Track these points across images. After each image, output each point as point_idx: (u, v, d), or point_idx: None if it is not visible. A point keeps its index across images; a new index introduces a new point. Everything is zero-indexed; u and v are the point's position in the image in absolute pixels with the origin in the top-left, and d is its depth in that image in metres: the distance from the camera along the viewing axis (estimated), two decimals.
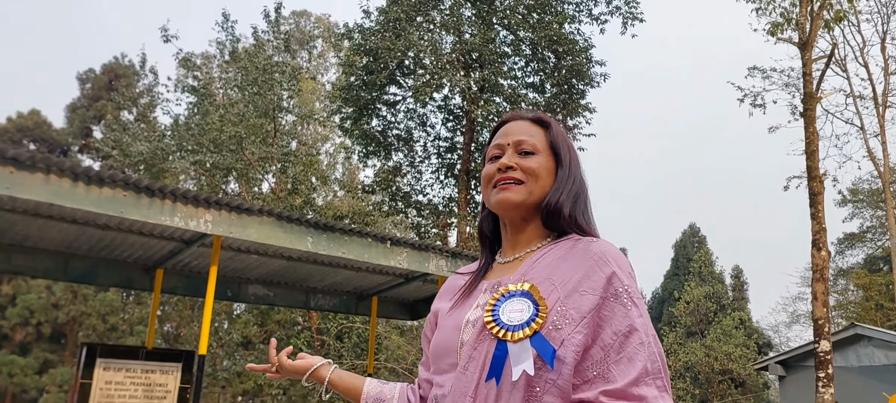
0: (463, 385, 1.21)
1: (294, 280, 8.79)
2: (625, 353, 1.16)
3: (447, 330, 1.32)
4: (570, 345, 1.16)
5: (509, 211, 1.33)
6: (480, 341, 1.22)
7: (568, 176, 1.37)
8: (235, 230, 6.51)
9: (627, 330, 1.18)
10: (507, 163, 1.34)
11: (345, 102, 17.08)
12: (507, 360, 1.17)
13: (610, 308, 1.19)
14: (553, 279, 1.23)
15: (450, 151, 18.00)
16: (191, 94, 17.55)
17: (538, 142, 1.37)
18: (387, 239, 7.40)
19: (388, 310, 9.91)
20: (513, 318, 1.19)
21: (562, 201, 1.33)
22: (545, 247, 1.32)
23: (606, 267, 1.23)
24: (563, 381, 1.15)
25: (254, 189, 18.28)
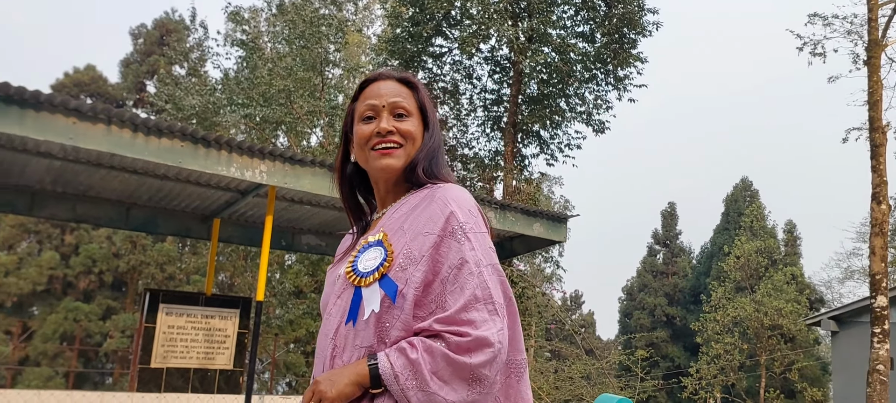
0: (327, 328, 1.34)
1: (345, 230, 8.93)
2: (457, 284, 1.26)
3: (327, 287, 1.45)
4: (412, 282, 1.26)
5: (391, 174, 1.41)
6: (343, 290, 1.35)
7: (431, 137, 1.46)
8: (289, 181, 6.63)
9: (459, 263, 1.27)
10: (387, 128, 1.40)
11: (390, 55, 17.01)
12: (362, 303, 1.29)
13: (447, 244, 1.29)
14: (404, 226, 1.34)
15: (496, 104, 17.85)
16: (240, 48, 17.73)
17: (410, 104, 1.45)
18: None
19: None
20: (367, 266, 1.32)
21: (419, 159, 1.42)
22: (403, 199, 1.41)
23: (446, 208, 1.33)
24: (406, 315, 1.25)
25: (303, 142, 18.50)
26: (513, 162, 16.17)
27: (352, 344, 1.28)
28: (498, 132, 17.86)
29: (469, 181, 17.62)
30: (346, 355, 1.28)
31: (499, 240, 9.18)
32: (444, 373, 1.21)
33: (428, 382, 1.20)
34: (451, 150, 17.96)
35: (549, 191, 24.29)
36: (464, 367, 1.21)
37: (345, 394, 1.23)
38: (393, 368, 1.22)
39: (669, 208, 39.58)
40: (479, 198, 7.79)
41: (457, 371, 1.21)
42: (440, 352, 1.21)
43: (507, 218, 7.90)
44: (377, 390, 1.23)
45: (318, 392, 1.23)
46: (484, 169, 17.09)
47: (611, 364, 16.13)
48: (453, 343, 1.22)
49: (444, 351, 1.21)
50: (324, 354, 1.32)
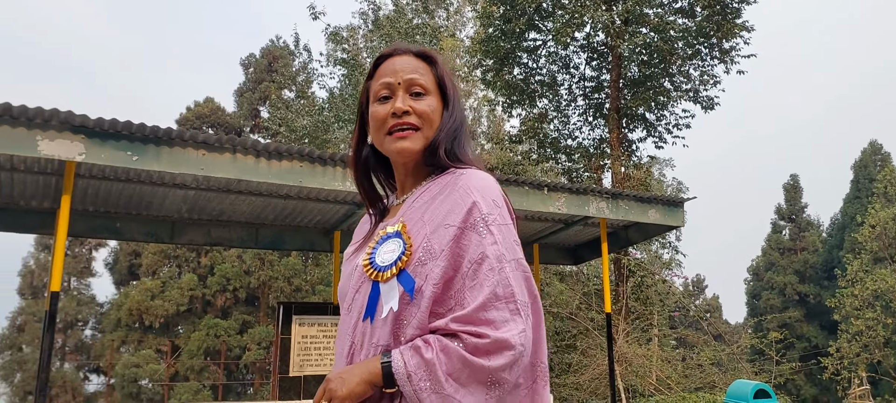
0: (345, 325, 1.29)
1: None
2: (477, 280, 1.18)
3: (345, 276, 1.36)
4: (431, 278, 1.18)
5: (408, 158, 1.33)
6: (361, 283, 1.28)
7: (451, 116, 1.35)
8: None
9: (480, 258, 1.19)
10: (402, 108, 1.31)
11: (485, 55, 17.11)
12: (379, 299, 1.22)
13: (468, 238, 1.20)
14: (425, 217, 1.25)
15: (596, 91, 17.53)
16: (341, 67, 18.43)
17: (427, 81, 1.35)
18: (544, 186, 7.45)
19: (550, 256, 10.00)
20: (385, 259, 1.24)
21: (439, 141, 1.32)
22: (424, 186, 1.33)
23: (469, 198, 1.23)
24: (421, 313, 1.18)
25: None
26: (620, 148, 15.83)
27: (368, 342, 1.23)
28: (601, 119, 17.53)
29: (575, 172, 17.40)
30: (363, 353, 1.23)
31: (613, 230, 9.04)
32: (461, 376, 1.14)
33: (443, 384, 1.13)
34: (554, 142, 17.80)
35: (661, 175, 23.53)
36: (481, 370, 1.14)
37: (356, 393, 1.16)
38: (406, 367, 1.15)
39: (792, 181, 37.30)
40: (589, 189, 7.72)
41: (474, 373, 1.14)
42: (457, 353, 1.14)
43: (620, 207, 7.78)
44: (390, 389, 1.17)
45: (329, 391, 1.17)
46: (590, 158, 16.82)
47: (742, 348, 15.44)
48: (471, 344, 1.15)
49: (460, 353, 1.14)
50: (342, 351, 1.28)
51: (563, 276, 18.96)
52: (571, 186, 7.60)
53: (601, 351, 13.81)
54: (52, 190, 6.67)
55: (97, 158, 5.54)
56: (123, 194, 6.98)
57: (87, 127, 5.49)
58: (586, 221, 8.34)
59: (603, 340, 14.01)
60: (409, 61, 1.36)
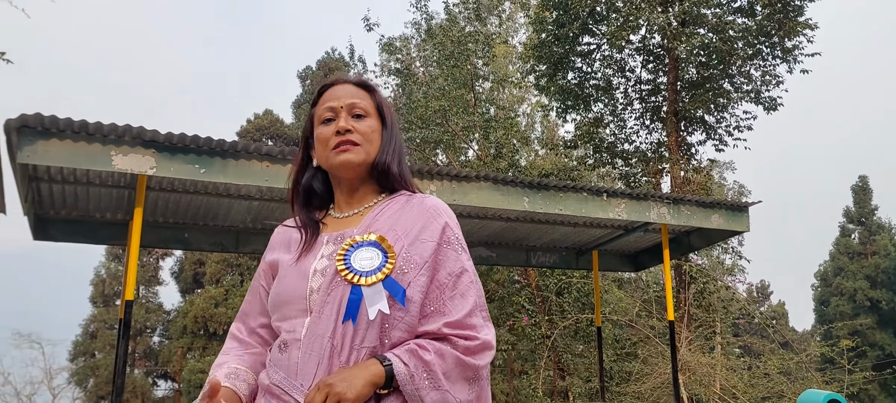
0: (320, 327, 1.31)
1: (513, 239, 9.08)
2: (458, 290, 1.34)
3: (292, 279, 1.39)
4: (417, 286, 1.32)
5: (350, 171, 1.45)
6: (333, 287, 1.33)
7: (391, 137, 1.49)
8: (458, 197, 6.89)
9: (459, 271, 1.36)
10: (345, 127, 1.43)
11: (538, 60, 17.03)
12: (362, 302, 1.29)
13: (444, 253, 1.37)
14: (396, 229, 1.38)
15: (653, 94, 17.23)
16: (395, 76, 18.62)
17: (368, 105, 1.49)
18: (603, 192, 7.36)
19: (610, 263, 9.86)
20: (364, 265, 1.32)
21: (389, 161, 1.47)
22: (382, 202, 1.46)
23: (440, 219, 1.41)
24: (411, 317, 1.30)
25: (460, 158, 19.01)
26: (678, 152, 15.51)
27: (350, 344, 1.29)
28: (658, 123, 17.22)
29: (632, 177, 17.12)
30: (344, 355, 1.28)
31: (674, 236, 8.86)
32: (453, 374, 1.28)
33: (441, 381, 1.26)
34: (610, 147, 17.57)
35: (721, 178, 22.94)
36: (470, 367, 1.30)
37: (363, 395, 1.23)
38: (408, 368, 1.25)
39: (861, 182, 35.78)
40: (650, 195, 7.59)
41: (464, 371, 1.30)
42: (451, 355, 1.29)
43: (681, 213, 7.62)
44: (385, 390, 1.26)
45: (336, 394, 1.21)
46: (647, 162, 16.53)
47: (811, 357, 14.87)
48: (462, 346, 1.30)
49: (454, 354, 1.29)
50: (318, 354, 1.29)
51: (621, 283, 18.65)
52: (631, 192, 7.49)
53: (663, 360, 13.51)
54: (125, 202, 6.95)
55: (167, 171, 5.76)
56: (191, 205, 7.22)
57: (158, 141, 5.71)
58: (647, 227, 8.20)
59: (664, 348, 13.71)
60: (350, 89, 1.50)
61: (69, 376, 20.78)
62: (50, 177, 6.32)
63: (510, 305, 16.68)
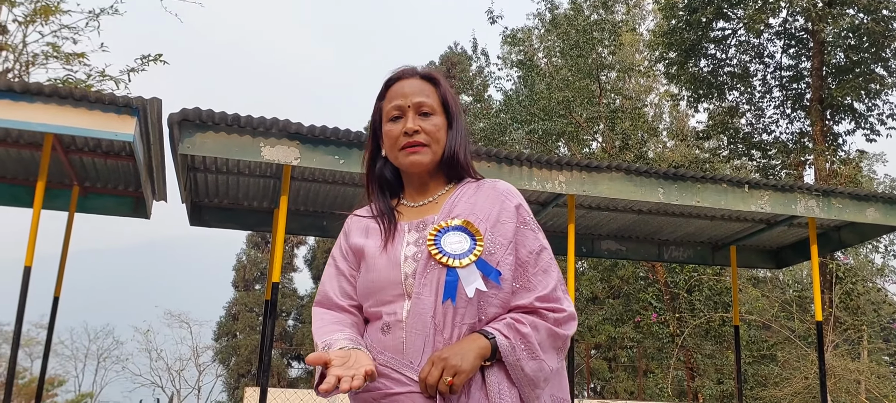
0: (422, 308, 1.39)
1: (646, 233, 8.81)
2: (540, 267, 1.44)
3: (385, 267, 1.47)
4: (506, 265, 1.42)
5: (420, 170, 1.53)
6: (428, 270, 1.41)
7: (457, 130, 1.55)
8: (587, 188, 6.78)
9: (539, 249, 1.46)
10: (412, 128, 1.49)
11: (668, 48, 16.39)
12: (459, 283, 1.38)
13: (522, 233, 1.47)
14: (476, 213, 1.47)
15: (795, 81, 16.12)
16: (518, 69, 18.57)
17: (433, 101, 1.53)
18: (745, 183, 6.99)
19: (749, 259, 9.34)
20: (455, 248, 1.41)
21: (457, 154, 1.54)
22: (456, 190, 1.54)
23: (513, 200, 1.51)
24: (504, 294, 1.41)
25: (583, 150, 18.68)
26: (824, 142, 14.42)
27: (452, 322, 1.38)
28: (801, 111, 16.09)
29: (770, 169, 16.11)
30: (447, 332, 1.37)
31: (823, 231, 8.26)
32: (546, 344, 1.40)
33: (537, 351, 1.37)
34: (747, 138, 16.62)
35: (871, 171, 21.09)
36: (559, 337, 1.42)
37: (475, 367, 1.33)
38: (510, 341, 1.36)
39: None
40: (797, 186, 7.12)
41: (554, 341, 1.41)
42: (544, 326, 1.39)
43: (832, 206, 7.09)
44: (488, 362, 1.36)
45: (452, 367, 1.30)
46: (788, 154, 15.50)
47: None
48: (552, 318, 1.41)
49: (546, 325, 1.40)
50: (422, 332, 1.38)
51: (757, 281, 17.63)
52: (776, 183, 7.06)
53: (804, 364, 12.65)
54: (271, 191, 7.42)
55: (310, 162, 6.08)
56: (330, 195, 7.58)
57: (302, 133, 6.04)
58: (792, 221, 7.70)
59: (807, 351, 12.82)
60: (417, 84, 1.54)
61: (214, 354, 22.49)
62: (205, 167, 6.85)
63: (636, 302, 16.22)
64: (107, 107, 5.46)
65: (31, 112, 5.35)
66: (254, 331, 21.64)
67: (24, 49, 9.83)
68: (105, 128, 5.45)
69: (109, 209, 7.40)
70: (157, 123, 5.87)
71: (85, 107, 5.43)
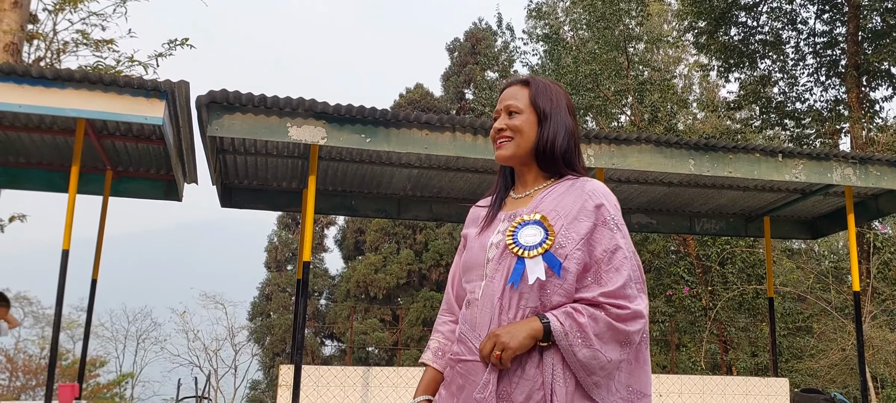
0: (491, 290, 1.58)
1: (676, 205, 8.69)
2: (613, 265, 1.52)
3: (475, 250, 1.68)
4: (573, 259, 1.52)
5: (505, 162, 1.71)
6: (503, 258, 1.58)
7: (549, 124, 1.67)
8: (617, 161, 6.69)
9: (614, 248, 1.54)
10: (498, 126, 1.71)
11: (697, 17, 16.05)
12: (524, 271, 1.53)
13: (600, 232, 1.55)
14: (558, 210, 1.59)
15: (829, 47, 15.69)
16: (543, 43, 18.35)
17: (522, 102, 1.69)
18: (778, 152, 6.84)
19: (783, 230, 9.17)
20: (528, 240, 1.55)
21: (548, 148, 1.67)
22: (549, 186, 1.67)
23: (596, 200, 1.59)
24: (568, 285, 1.52)
25: (611, 123, 18.45)
26: (860, 109, 14.05)
27: (516, 305, 1.53)
28: (836, 78, 15.67)
29: (805, 139, 15.75)
30: (511, 313, 1.54)
31: (860, 200, 8.06)
32: (605, 336, 1.48)
33: (592, 340, 1.47)
34: (780, 107, 16.25)
35: None
36: (621, 332, 1.49)
37: (524, 345, 1.47)
38: (563, 327, 1.47)
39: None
40: (833, 154, 6.95)
41: (615, 334, 1.49)
42: (603, 319, 1.49)
43: (869, 174, 6.91)
44: (545, 343, 1.49)
45: (502, 343, 1.48)
46: (823, 122, 15.13)
47: None
48: (614, 313, 1.49)
49: (606, 319, 1.49)
50: (490, 312, 1.56)
51: (791, 253, 17.33)
52: (811, 151, 6.89)
53: (841, 335, 12.44)
54: (299, 171, 7.47)
55: (337, 141, 6.09)
56: (357, 174, 7.61)
57: (328, 113, 6.05)
58: (828, 190, 7.53)
59: (843, 323, 12.60)
60: (512, 90, 1.73)
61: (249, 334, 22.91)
62: (234, 148, 6.92)
63: (667, 276, 16.06)
64: (136, 91, 5.53)
65: (62, 98, 5.45)
66: (287, 311, 21.97)
67: (54, 37, 9.99)
68: (135, 112, 5.53)
69: (142, 192, 7.53)
70: (185, 106, 5.93)
71: (115, 92, 5.50)
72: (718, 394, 7.41)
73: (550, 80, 1.78)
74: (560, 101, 1.71)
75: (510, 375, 1.51)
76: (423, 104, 22.59)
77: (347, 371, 6.82)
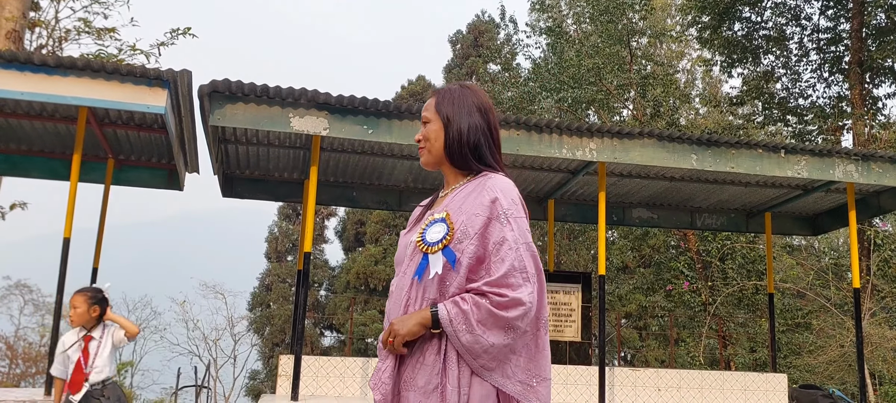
0: (402, 284, 1.76)
1: (678, 200, 8.69)
2: (499, 256, 1.65)
3: (401, 248, 1.85)
4: (467, 253, 1.66)
5: (426, 167, 1.89)
6: (414, 254, 1.75)
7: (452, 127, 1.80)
8: (619, 155, 6.68)
9: (501, 240, 1.67)
10: (417, 137, 1.89)
11: (701, 11, 15.99)
12: (427, 266, 1.68)
13: (492, 225, 1.68)
14: (462, 207, 1.72)
15: (833, 43, 15.64)
16: (546, 36, 18.30)
17: (430, 112, 1.86)
18: (781, 148, 6.83)
19: (784, 226, 9.17)
20: (432, 238, 1.71)
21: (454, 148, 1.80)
22: (462, 185, 1.80)
23: (493, 195, 1.71)
24: (461, 278, 1.66)
25: (614, 117, 18.41)
26: (863, 106, 14.01)
27: (421, 297, 1.69)
28: (839, 74, 15.63)
29: (807, 135, 15.72)
30: (416, 305, 1.69)
31: (862, 196, 8.06)
32: (487, 322, 1.61)
33: (474, 327, 1.61)
34: (782, 103, 16.21)
35: None
36: (501, 319, 1.61)
37: (412, 332, 1.65)
38: (448, 314, 1.62)
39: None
40: (835, 151, 6.94)
41: (496, 321, 1.61)
42: (485, 306, 1.61)
43: (871, 171, 6.90)
44: (436, 330, 1.64)
45: (393, 331, 1.66)
46: (826, 118, 15.09)
47: None
48: (495, 301, 1.61)
49: (488, 306, 1.61)
50: (399, 303, 1.73)
51: (791, 249, 17.32)
52: (813, 148, 6.88)
53: (839, 332, 12.45)
54: (300, 162, 7.46)
55: (339, 132, 6.09)
56: (359, 165, 7.60)
57: (331, 104, 6.04)
58: (830, 187, 7.52)
59: (842, 319, 12.61)
60: (427, 103, 1.88)
61: (248, 324, 22.93)
62: (236, 138, 6.91)
63: (667, 271, 16.05)
64: (138, 79, 5.52)
65: (65, 85, 5.44)
66: (287, 302, 21.98)
67: (56, 25, 9.96)
68: (137, 100, 5.52)
69: (144, 181, 7.53)
70: (187, 95, 5.92)
71: (117, 80, 5.49)
72: (717, 389, 7.42)
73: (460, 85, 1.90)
74: (465, 101, 1.83)
75: (413, 362, 1.68)
76: (426, 97, 22.54)
77: (347, 362, 6.82)
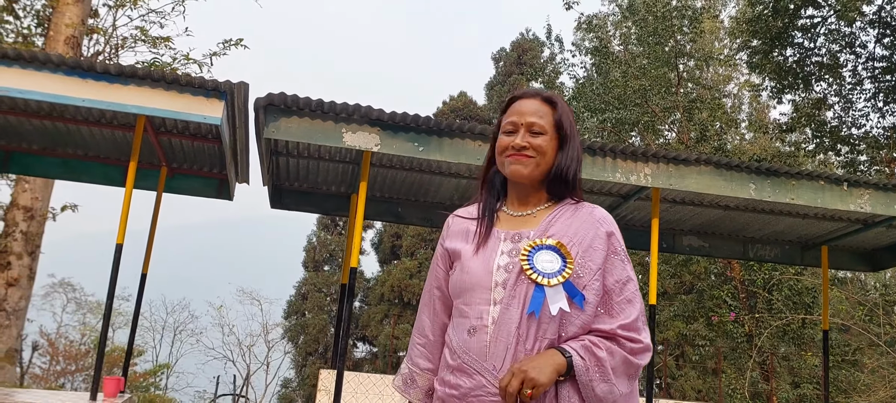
0: (508, 318, 1.50)
1: (731, 229, 8.45)
2: (624, 296, 1.52)
3: (477, 271, 1.57)
4: (592, 290, 1.51)
5: (521, 180, 1.62)
6: (519, 283, 1.51)
7: (569, 150, 1.64)
8: (674, 181, 6.52)
9: (625, 279, 1.55)
10: (520, 144, 1.60)
11: (751, 35, 15.68)
12: (545, 300, 1.48)
13: (611, 262, 1.56)
14: (570, 236, 1.55)
15: (889, 72, 15.18)
16: (592, 56, 18.15)
17: (546, 122, 1.63)
18: (844, 181, 6.59)
19: (841, 261, 8.85)
20: (546, 267, 1.50)
21: (564, 173, 1.63)
22: (555, 209, 1.62)
23: (606, 227, 1.59)
24: (586, 317, 1.50)
25: (658, 140, 18.14)
26: None
27: (534, 335, 1.48)
28: (894, 104, 15.16)
29: (859, 165, 15.26)
30: (529, 344, 1.48)
31: None
32: (619, 369, 1.48)
33: (610, 375, 1.46)
34: (833, 131, 15.78)
35: None
36: (633, 366, 1.50)
37: (551, 381, 1.43)
38: (585, 362, 1.45)
39: None
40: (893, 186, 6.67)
41: (628, 368, 1.49)
42: (619, 353, 1.48)
43: None
44: (563, 377, 1.46)
45: (531, 379, 1.41)
46: (880, 148, 14.64)
47: None
48: (628, 347, 1.49)
49: (622, 353, 1.48)
50: (508, 341, 1.49)
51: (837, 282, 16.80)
52: (878, 182, 6.63)
53: (893, 372, 11.97)
54: (349, 176, 7.45)
55: (390, 148, 6.06)
56: (406, 182, 7.57)
57: (383, 120, 6.02)
58: (892, 222, 7.24)
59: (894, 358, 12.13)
60: (534, 105, 1.64)
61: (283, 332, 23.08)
62: (287, 151, 6.93)
63: (709, 299, 15.68)
64: (196, 90, 5.56)
65: (124, 94, 5.51)
66: (322, 311, 22.07)
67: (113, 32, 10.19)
68: (194, 110, 5.57)
69: (195, 190, 7.60)
70: (243, 107, 5.96)
71: (176, 91, 5.55)
72: None
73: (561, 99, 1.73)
74: (575, 126, 1.69)
75: None
76: (466, 112, 22.55)
77: (386, 380, 6.75)
